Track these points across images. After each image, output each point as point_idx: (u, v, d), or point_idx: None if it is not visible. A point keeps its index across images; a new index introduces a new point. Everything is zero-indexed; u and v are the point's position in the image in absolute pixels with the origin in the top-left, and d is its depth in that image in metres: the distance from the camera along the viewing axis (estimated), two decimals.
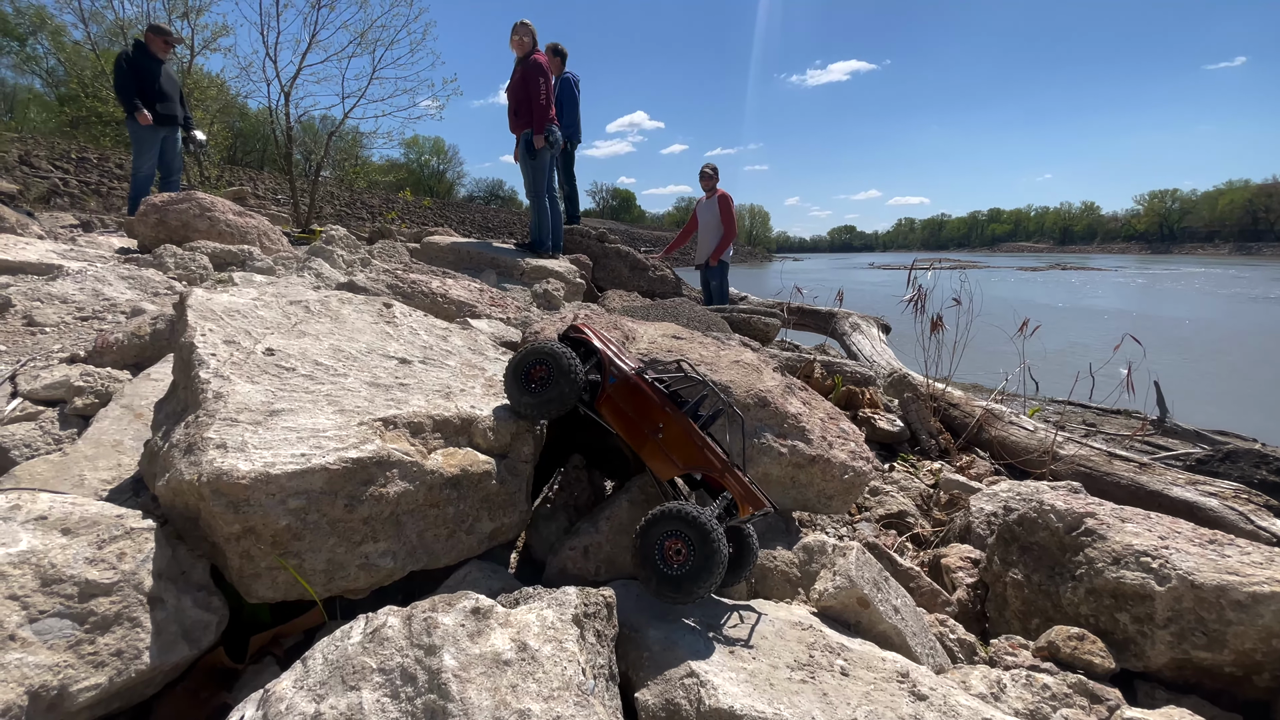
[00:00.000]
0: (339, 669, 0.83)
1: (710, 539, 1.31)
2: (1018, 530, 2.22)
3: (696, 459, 1.53)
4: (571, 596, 1.01)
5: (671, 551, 1.34)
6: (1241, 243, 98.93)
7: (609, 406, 1.66)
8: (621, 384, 1.65)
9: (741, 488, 1.49)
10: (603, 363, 1.69)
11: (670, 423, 1.57)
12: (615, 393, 1.65)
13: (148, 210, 4.83)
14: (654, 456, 1.59)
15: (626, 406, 1.63)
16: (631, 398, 1.63)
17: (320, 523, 1.23)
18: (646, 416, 1.60)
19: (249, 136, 34.52)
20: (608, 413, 1.66)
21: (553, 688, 0.82)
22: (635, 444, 1.61)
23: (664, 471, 1.58)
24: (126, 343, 2.28)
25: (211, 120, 15.51)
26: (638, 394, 1.62)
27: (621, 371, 1.66)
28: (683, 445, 1.55)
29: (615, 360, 1.69)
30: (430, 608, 0.88)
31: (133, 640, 1.04)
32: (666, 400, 1.59)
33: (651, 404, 1.60)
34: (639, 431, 1.61)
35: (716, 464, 1.51)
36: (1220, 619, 1.73)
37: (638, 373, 1.65)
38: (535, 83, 6.36)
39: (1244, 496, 3.12)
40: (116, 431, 1.83)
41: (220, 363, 1.41)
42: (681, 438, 1.55)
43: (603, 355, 1.70)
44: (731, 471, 1.50)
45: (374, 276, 2.58)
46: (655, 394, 1.61)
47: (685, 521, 1.33)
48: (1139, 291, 26.68)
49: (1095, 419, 6.40)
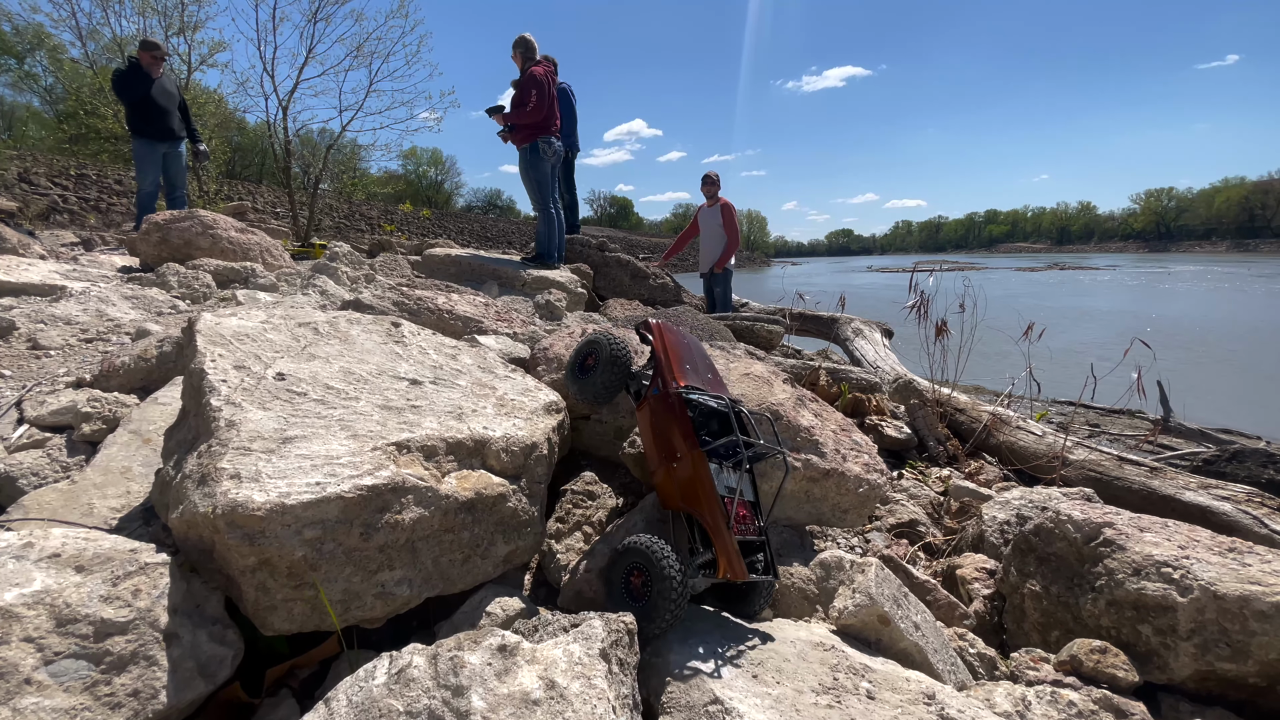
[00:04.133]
0: (364, 711, 0.81)
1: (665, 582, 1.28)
2: (1034, 541, 2.20)
3: (695, 504, 1.47)
4: (598, 630, 0.99)
5: (636, 584, 1.34)
6: (1239, 239, 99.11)
7: (644, 415, 1.63)
8: (661, 398, 1.59)
9: (725, 553, 1.40)
10: (659, 368, 1.64)
11: (687, 458, 1.50)
12: (653, 404, 1.60)
13: (150, 229, 4.83)
14: (661, 482, 1.55)
15: (657, 422, 1.58)
16: (663, 416, 1.57)
17: (336, 552, 1.21)
18: (669, 441, 1.54)
19: (248, 150, 34.65)
20: (641, 420, 1.64)
21: None
22: (650, 462, 1.58)
23: (664, 500, 1.56)
24: (133, 366, 2.27)
25: (210, 135, 15.56)
26: (669, 415, 1.56)
27: (665, 385, 1.60)
28: (689, 485, 1.49)
29: (665, 371, 1.62)
30: (456, 646, 0.86)
31: (149, 680, 1.02)
32: (691, 434, 1.51)
33: (676, 431, 1.53)
34: (657, 451, 1.57)
35: (709, 520, 1.44)
36: (1244, 630, 1.71)
37: (678, 395, 1.56)
38: (525, 92, 6.42)
39: (1257, 500, 3.10)
40: (125, 458, 1.81)
41: (231, 389, 1.39)
42: (690, 478, 1.48)
43: (659, 361, 1.65)
44: (722, 535, 1.41)
45: (379, 294, 2.57)
46: (683, 424, 1.53)
47: (647, 559, 1.32)
48: (1137, 290, 26.71)
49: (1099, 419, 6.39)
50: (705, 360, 1.86)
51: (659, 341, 1.69)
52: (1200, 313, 17.58)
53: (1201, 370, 9.75)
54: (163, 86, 6.97)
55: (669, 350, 1.67)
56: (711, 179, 8.78)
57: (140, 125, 6.83)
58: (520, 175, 7.05)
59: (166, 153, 7.03)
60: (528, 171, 6.90)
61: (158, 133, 6.87)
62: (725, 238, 8.66)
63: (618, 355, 1.71)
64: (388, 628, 1.49)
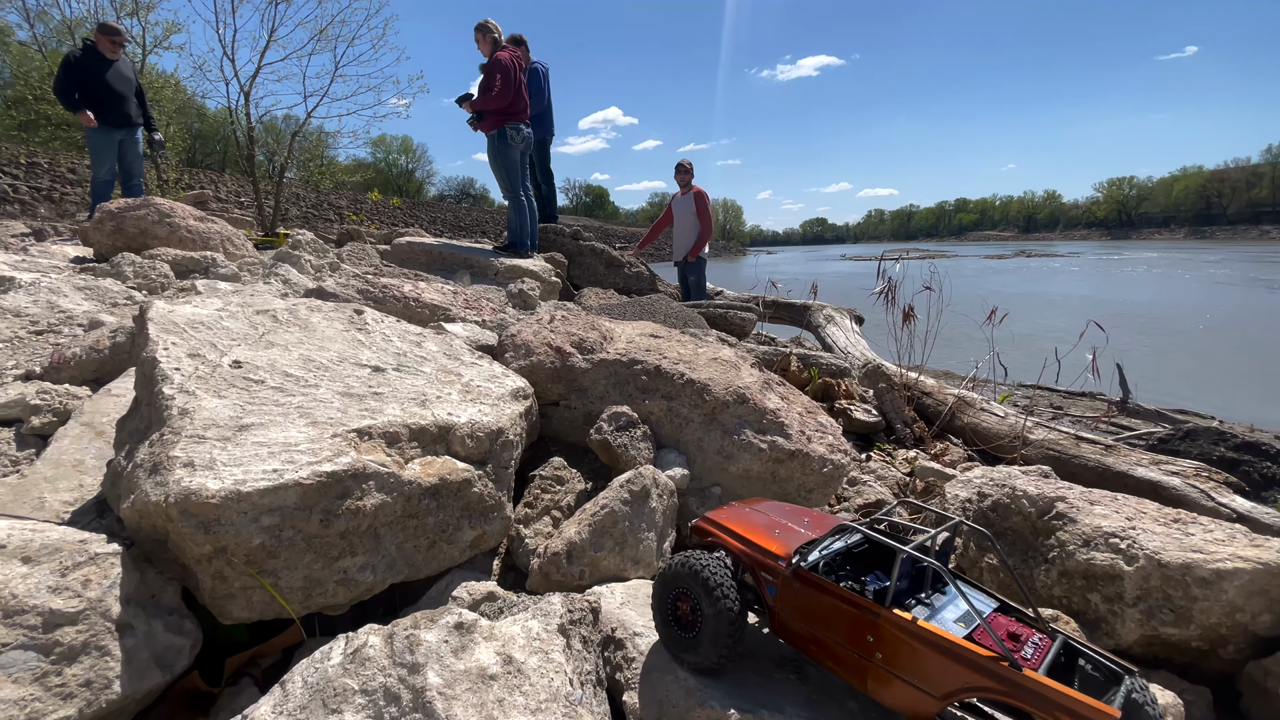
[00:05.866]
0: (319, 692, 0.81)
1: None
2: (992, 516, 2.27)
3: (951, 678, 0.97)
4: (556, 606, 1.00)
5: None
6: (1196, 227, 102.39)
7: (789, 627, 1.17)
8: (784, 590, 1.15)
9: (1057, 706, 0.89)
10: (750, 568, 1.20)
11: (883, 632, 1.03)
12: (785, 606, 1.15)
13: (103, 217, 4.67)
14: (886, 689, 1.05)
15: (810, 624, 1.12)
16: (806, 608, 1.12)
17: (295, 539, 1.21)
18: (844, 633, 1.08)
19: (208, 138, 33.59)
20: (792, 639, 1.17)
21: (540, 700, 0.81)
22: (858, 681, 1.09)
23: (918, 710, 1.02)
24: (85, 357, 2.20)
25: (168, 121, 15.06)
26: (810, 599, 1.12)
27: (777, 574, 1.16)
28: (916, 661, 1.00)
29: (758, 559, 1.19)
30: (412, 625, 0.87)
31: (102, 670, 1.01)
32: (859, 600, 1.07)
33: (842, 612, 1.08)
34: (846, 658, 1.09)
35: (987, 679, 0.93)
36: (1186, 596, 1.79)
37: (796, 569, 1.14)
38: (490, 78, 6.33)
39: (1205, 474, 3.23)
40: (77, 451, 1.77)
41: (185, 377, 1.37)
42: (909, 650, 1.00)
43: (739, 556, 1.22)
44: (1030, 685, 0.91)
45: (343, 282, 2.53)
46: (839, 594, 1.09)
47: None
48: (1099, 277, 27.49)
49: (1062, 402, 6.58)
50: (787, 511, 1.40)
51: (727, 538, 1.26)
52: (1157, 298, 18.17)
53: (1159, 353, 10.09)
54: (119, 71, 6.68)
55: (740, 535, 1.25)
56: (685, 167, 8.76)
57: (95, 110, 6.52)
58: (489, 163, 6.97)
59: (122, 140, 6.75)
60: (496, 159, 6.82)
61: (113, 119, 6.59)
62: (699, 226, 8.66)
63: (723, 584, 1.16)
64: (352, 614, 1.48)
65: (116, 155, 6.75)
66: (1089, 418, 5.82)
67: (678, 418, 2.14)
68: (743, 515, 1.34)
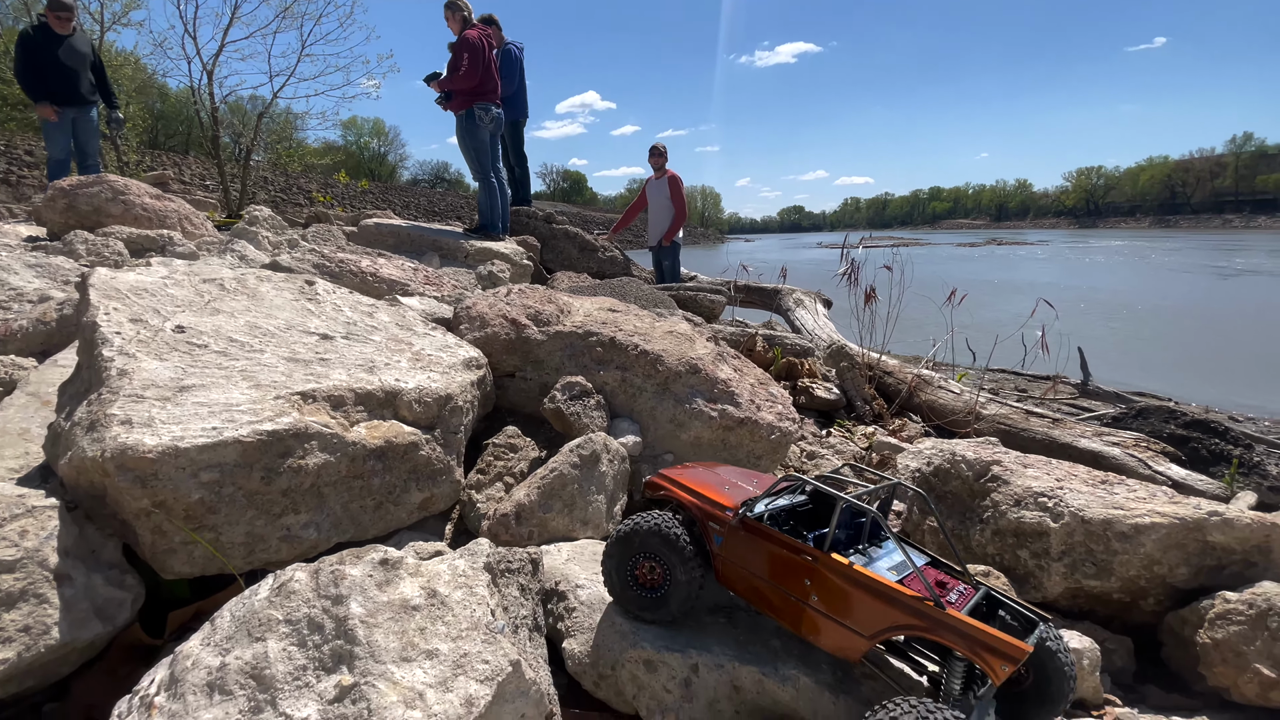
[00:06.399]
0: (244, 623, 0.85)
1: None
2: (934, 481, 2.37)
3: (880, 618, 1.03)
4: (484, 546, 1.04)
5: None
6: (1161, 215, 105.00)
7: (729, 575, 1.22)
8: (729, 539, 1.21)
9: (973, 639, 0.97)
10: (697, 519, 1.26)
11: (818, 575, 1.09)
12: (729, 555, 1.21)
13: (56, 195, 4.54)
14: (823, 632, 1.10)
15: (753, 571, 1.18)
16: (750, 556, 1.18)
17: (236, 495, 1.23)
18: (782, 576, 1.14)
19: (171, 118, 32.56)
20: (735, 587, 1.23)
21: (461, 629, 0.86)
22: (794, 624, 1.15)
23: (847, 650, 1.08)
24: (31, 329, 2.17)
25: (128, 101, 14.58)
26: (753, 547, 1.18)
27: (724, 524, 1.22)
28: (849, 602, 1.06)
29: (710, 509, 1.25)
30: (338, 561, 0.90)
31: (40, 616, 1.03)
32: (799, 545, 1.13)
33: (779, 557, 1.15)
34: (784, 603, 1.15)
35: (912, 617, 1.01)
36: (1107, 549, 1.89)
37: (743, 519, 1.20)
38: (458, 57, 6.24)
39: (1143, 445, 3.38)
40: (23, 420, 1.75)
41: (125, 340, 1.37)
42: (843, 593, 1.07)
43: (690, 508, 1.28)
44: (943, 621, 0.99)
45: (299, 257, 2.52)
46: (781, 541, 1.15)
47: None
48: (1065, 265, 28.15)
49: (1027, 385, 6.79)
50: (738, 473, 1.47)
51: (677, 491, 1.32)
52: (1117, 285, 18.69)
53: (1121, 338, 10.40)
54: (72, 47, 6.42)
55: (691, 488, 1.31)
56: (659, 150, 8.71)
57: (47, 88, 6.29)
58: (458, 143, 6.89)
59: (76, 118, 6.52)
60: (465, 139, 6.74)
61: (64, 97, 6.36)
62: (673, 210, 8.63)
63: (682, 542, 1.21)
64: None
65: (70, 134, 6.54)
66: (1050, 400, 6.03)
67: (631, 387, 2.18)
68: (695, 473, 1.41)
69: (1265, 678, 1.56)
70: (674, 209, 8.59)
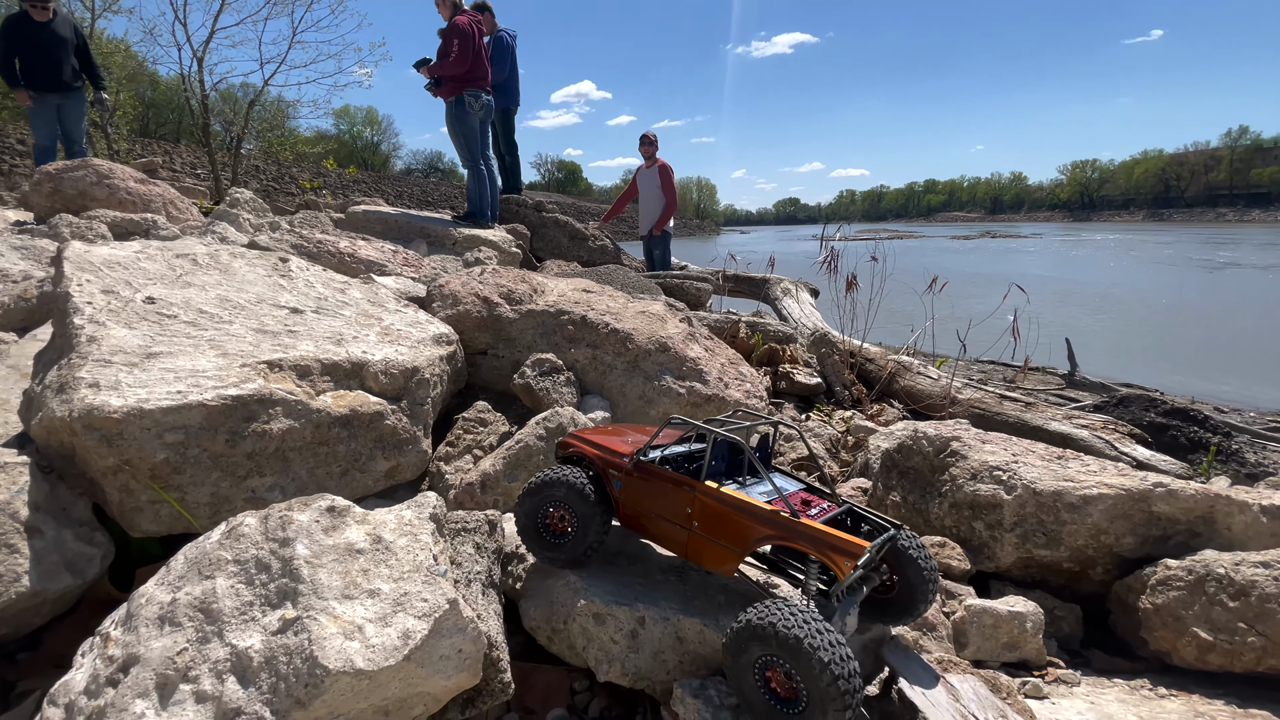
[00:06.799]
0: (196, 564, 0.90)
1: (814, 665, 0.95)
2: (898, 457, 2.43)
3: (747, 533, 1.15)
4: (430, 498, 1.10)
5: (777, 685, 1.03)
6: (1154, 209, 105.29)
7: (628, 515, 1.33)
8: (627, 484, 1.32)
9: (819, 541, 1.08)
10: (599, 470, 1.36)
11: (697, 501, 1.21)
12: (627, 498, 1.32)
13: (41, 179, 4.55)
14: (704, 553, 1.22)
15: (647, 508, 1.30)
16: (644, 495, 1.30)
17: (201, 457, 1.28)
18: (670, 509, 1.26)
19: (161, 106, 32.26)
20: (635, 525, 1.34)
21: (403, 571, 0.91)
22: (682, 550, 1.26)
23: (724, 566, 1.20)
24: (12, 306, 2.21)
25: (119, 90, 14.46)
26: (647, 486, 1.29)
27: (621, 468, 1.33)
28: (723, 522, 1.18)
29: (611, 458, 1.35)
30: (286, 508, 0.95)
31: (11, 565, 1.08)
32: (680, 478, 1.26)
33: (666, 491, 1.26)
34: (675, 532, 1.26)
35: (772, 528, 1.13)
36: (1057, 520, 1.96)
37: (637, 462, 1.31)
38: (448, 43, 6.22)
39: (1111, 427, 3.46)
40: (2, 391, 1.79)
41: (96, 310, 1.41)
42: (718, 514, 1.19)
43: (594, 460, 1.38)
44: (795, 527, 1.11)
45: (277, 237, 2.55)
46: (662, 476, 1.28)
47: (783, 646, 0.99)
48: (1057, 258, 28.28)
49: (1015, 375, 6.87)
50: (645, 431, 1.58)
51: (583, 447, 1.42)
52: (1107, 278, 18.81)
53: (1111, 330, 10.50)
54: (53, 32, 6.32)
55: (596, 443, 1.42)
56: (649, 139, 8.69)
57: (28, 76, 6.22)
58: (448, 130, 6.89)
59: (61, 104, 6.43)
60: (454, 126, 6.73)
61: (46, 83, 6.26)
62: (664, 199, 8.63)
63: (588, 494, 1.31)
64: None
65: (55, 120, 6.46)
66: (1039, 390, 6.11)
67: (602, 365, 2.23)
68: (602, 432, 1.53)
69: (1202, 640, 1.63)
70: (664, 198, 8.59)
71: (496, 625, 1.15)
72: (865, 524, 1.26)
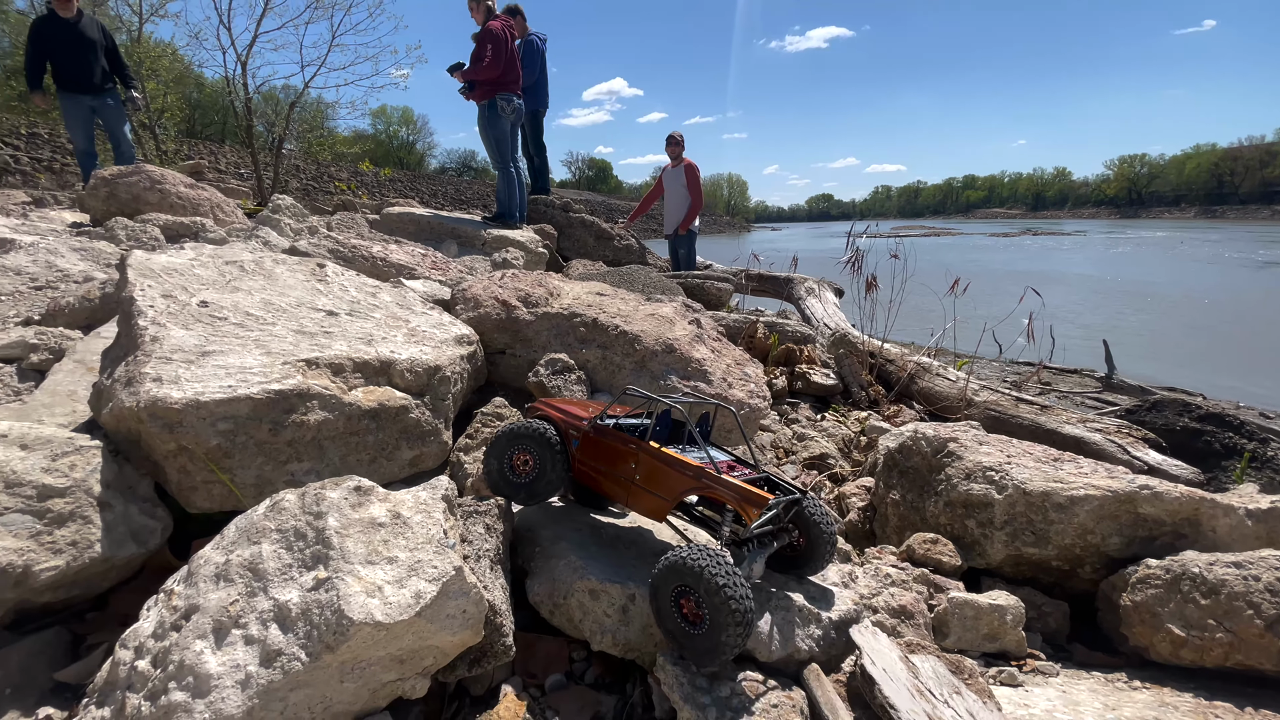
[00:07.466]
0: (245, 532, 1.06)
1: (714, 591, 1.13)
2: (898, 457, 2.51)
3: (677, 485, 1.36)
4: (443, 482, 1.24)
5: (688, 609, 1.20)
6: (1206, 206, 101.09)
7: (583, 471, 1.55)
8: (583, 443, 1.54)
9: (732, 491, 1.29)
10: (561, 430, 1.57)
11: (639, 458, 1.42)
12: (582, 455, 1.54)
13: (97, 184, 4.87)
14: (642, 501, 1.43)
15: (597, 464, 1.52)
16: (596, 453, 1.51)
17: (248, 443, 1.45)
18: (617, 465, 1.47)
19: (207, 108, 33.42)
20: (586, 479, 1.55)
21: (417, 542, 1.06)
22: (625, 500, 1.48)
23: (658, 513, 1.41)
24: (78, 306, 2.44)
25: (165, 91, 15.09)
26: (599, 446, 1.51)
27: (579, 430, 1.55)
28: (659, 476, 1.39)
29: (573, 421, 1.57)
30: (320, 487, 1.11)
31: (85, 534, 1.26)
32: (627, 438, 1.46)
33: (615, 450, 1.47)
34: (620, 484, 1.47)
35: (695, 481, 1.33)
36: (1045, 519, 2.03)
37: (594, 424, 1.53)
38: (481, 48, 6.40)
39: (1124, 431, 3.46)
40: (71, 383, 2.01)
41: (157, 313, 1.60)
42: (655, 469, 1.39)
43: (558, 422, 1.58)
44: (715, 479, 1.31)
45: (316, 242, 2.75)
46: (616, 438, 1.48)
47: (693, 578, 1.16)
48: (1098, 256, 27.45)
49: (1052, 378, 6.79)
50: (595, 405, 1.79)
51: (551, 410, 1.64)
52: (1157, 277, 18.23)
53: (1155, 332, 10.23)
54: (81, 33, 6.23)
55: (562, 409, 1.64)
56: (676, 139, 8.76)
57: (59, 78, 6.24)
58: (479, 133, 7.09)
59: (95, 106, 6.41)
60: (486, 129, 6.93)
61: (76, 84, 6.23)
62: (689, 199, 8.68)
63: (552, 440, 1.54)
64: None
65: (90, 121, 6.49)
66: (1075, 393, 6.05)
67: (611, 365, 2.37)
68: (568, 402, 1.76)
69: (1176, 637, 1.69)
70: (690, 197, 8.66)
71: (501, 596, 1.29)
72: (779, 490, 1.45)
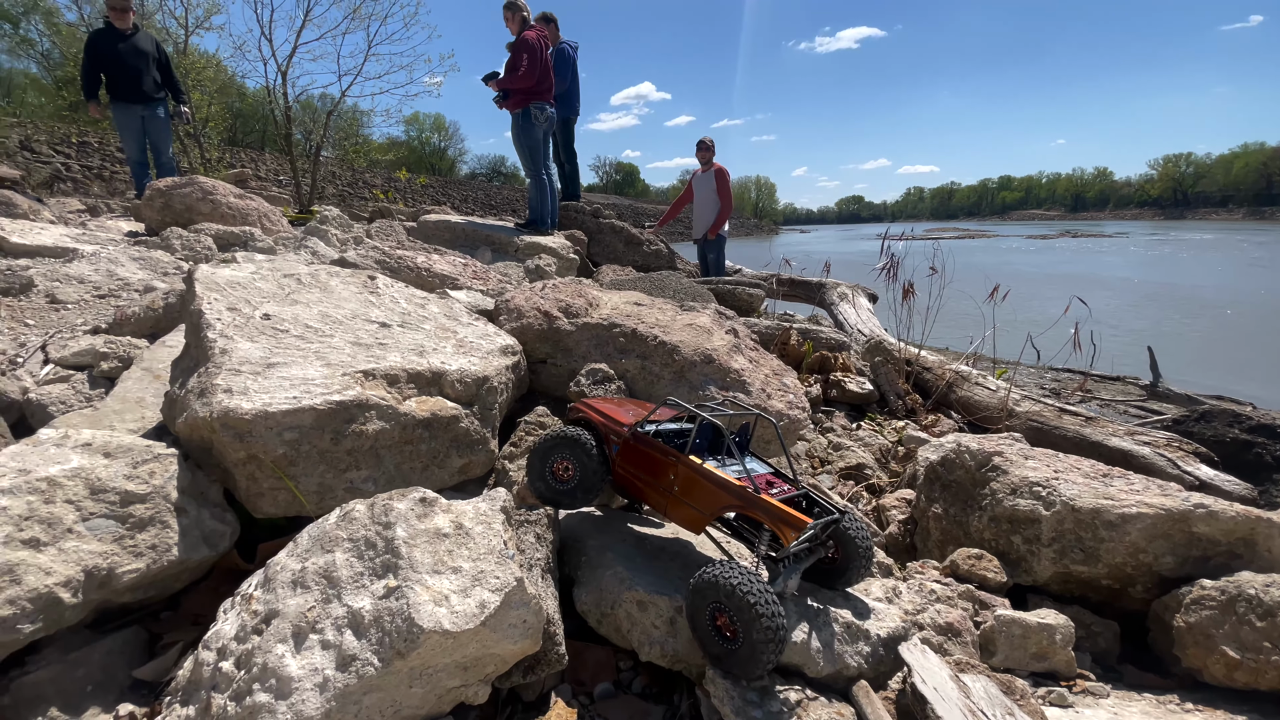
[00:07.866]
0: (318, 540, 1.11)
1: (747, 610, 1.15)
2: (940, 470, 2.49)
3: (715, 501, 1.37)
4: (501, 493, 1.28)
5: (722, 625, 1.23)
6: (1255, 207, 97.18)
7: (622, 476, 1.57)
8: (623, 449, 1.55)
9: (771, 513, 1.29)
10: (602, 434, 1.60)
11: (679, 471, 1.43)
12: (622, 461, 1.56)
13: (153, 195, 5.09)
14: (680, 512, 1.44)
15: (637, 471, 1.53)
16: (636, 460, 1.53)
17: (311, 452, 1.51)
18: (656, 474, 1.48)
19: (249, 117, 34.49)
20: (626, 484, 1.57)
21: (479, 553, 1.09)
22: (663, 509, 1.49)
23: (695, 525, 1.43)
24: (143, 315, 2.55)
25: (209, 101, 15.62)
26: (639, 453, 1.52)
27: (620, 436, 1.56)
28: (697, 490, 1.40)
29: (612, 427, 1.59)
30: (388, 498, 1.15)
31: (164, 538, 1.33)
32: (667, 449, 1.47)
33: (655, 459, 1.48)
34: (658, 493, 1.48)
35: (735, 499, 1.34)
36: (1095, 537, 1.99)
37: (632, 431, 1.54)
38: (517, 57, 6.50)
39: (1175, 445, 3.37)
40: (139, 390, 2.11)
41: (225, 326, 1.67)
42: (694, 483, 1.40)
43: (598, 425, 1.61)
44: (754, 500, 1.31)
45: (363, 253, 2.84)
46: (655, 448, 1.49)
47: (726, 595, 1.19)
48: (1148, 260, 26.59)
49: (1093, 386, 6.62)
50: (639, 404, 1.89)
51: (591, 413, 1.66)
52: (1205, 280, 17.59)
53: (1203, 338, 9.89)
54: (134, 45, 6.41)
55: (602, 412, 1.66)
56: (706, 144, 8.79)
57: (112, 88, 6.38)
58: (512, 140, 7.21)
59: (144, 115, 6.58)
60: (520, 137, 7.04)
61: (129, 94, 6.43)
62: (719, 204, 8.69)
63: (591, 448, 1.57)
64: None
65: (142, 131, 6.68)
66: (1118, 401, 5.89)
67: (650, 374, 2.39)
68: (609, 402, 1.79)
69: (1230, 659, 1.65)
70: (719, 202, 8.67)
71: (553, 605, 1.32)
72: (817, 507, 1.45)
